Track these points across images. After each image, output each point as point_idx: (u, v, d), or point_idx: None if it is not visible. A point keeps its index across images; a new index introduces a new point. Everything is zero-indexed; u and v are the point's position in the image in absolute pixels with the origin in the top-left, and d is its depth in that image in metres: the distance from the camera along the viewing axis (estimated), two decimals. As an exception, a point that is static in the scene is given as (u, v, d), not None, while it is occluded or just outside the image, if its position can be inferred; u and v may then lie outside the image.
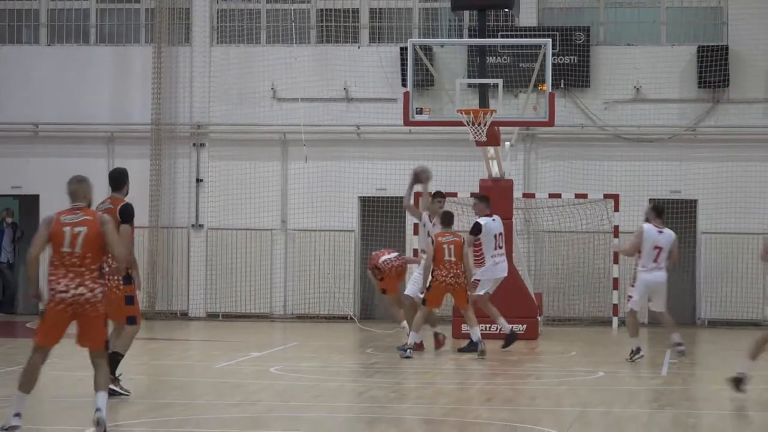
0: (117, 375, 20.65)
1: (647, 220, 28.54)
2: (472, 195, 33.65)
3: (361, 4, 41.70)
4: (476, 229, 30.93)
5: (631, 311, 28.80)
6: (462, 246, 29.84)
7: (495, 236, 31.19)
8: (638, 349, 28.00)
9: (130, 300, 20.70)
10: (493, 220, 31.36)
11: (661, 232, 28.31)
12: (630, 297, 29.25)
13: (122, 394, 20.51)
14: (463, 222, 37.70)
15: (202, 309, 41.14)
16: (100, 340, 16.81)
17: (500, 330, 32.12)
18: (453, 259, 29.47)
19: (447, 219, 30.38)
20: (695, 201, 39.27)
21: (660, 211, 28.99)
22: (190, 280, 41.31)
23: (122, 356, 20.94)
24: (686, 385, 25.74)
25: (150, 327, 36.53)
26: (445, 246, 29.64)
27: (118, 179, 21.89)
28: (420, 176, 31.47)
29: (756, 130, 39.54)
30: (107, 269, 17.57)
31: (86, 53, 42.40)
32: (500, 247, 31.73)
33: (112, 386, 18.26)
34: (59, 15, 42.82)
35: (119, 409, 19.71)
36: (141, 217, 36.17)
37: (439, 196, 31.39)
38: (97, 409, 15.86)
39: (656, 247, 28.28)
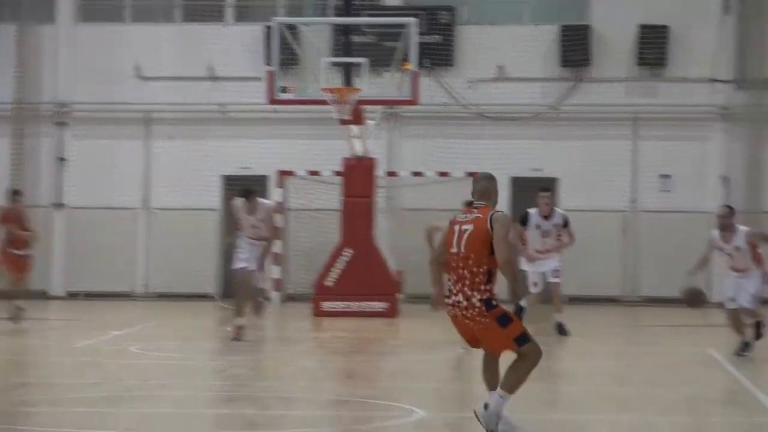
0: None
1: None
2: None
3: (225, -16, 41.83)
4: None
5: None
6: None
7: None
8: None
9: None
10: None
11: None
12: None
13: None
14: (324, 200, 38.07)
15: (62, 288, 41.06)
16: None
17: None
18: None
19: None
20: (556, 179, 39.58)
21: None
22: (51, 259, 41.03)
23: None
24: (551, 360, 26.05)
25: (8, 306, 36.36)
26: None
27: None
28: None
29: (617, 109, 40.06)
30: None
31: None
32: None
33: None
34: None
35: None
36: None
37: None
38: None
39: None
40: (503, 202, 29.51)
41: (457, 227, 13.87)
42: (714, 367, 25.50)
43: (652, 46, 40.14)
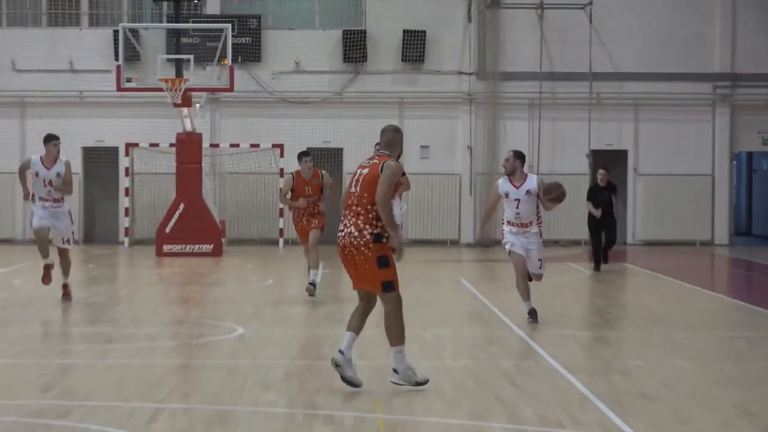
0: None
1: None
2: None
3: (82, -6, 41.55)
4: None
5: None
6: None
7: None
8: None
9: None
10: None
11: None
12: None
13: None
14: (162, 167, 38.05)
15: None
16: None
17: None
18: None
19: None
20: (342, 149, 39.83)
21: None
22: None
23: None
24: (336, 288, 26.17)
25: None
26: None
27: None
28: None
29: (387, 95, 40.29)
30: None
31: None
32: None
33: None
34: None
35: None
36: None
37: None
38: None
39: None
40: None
41: (358, 170, 13.26)
42: (464, 292, 25.98)
43: (413, 47, 40.42)
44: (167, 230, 35.74)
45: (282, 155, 38.41)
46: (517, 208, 19.11)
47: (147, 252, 36.47)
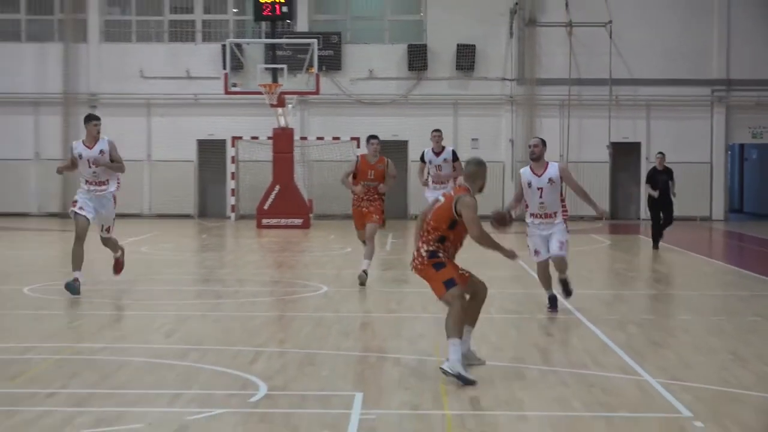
0: None
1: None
2: None
3: (195, 16, 41.58)
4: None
5: None
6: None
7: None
8: None
9: None
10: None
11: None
12: None
13: None
14: (262, 156, 38.01)
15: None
16: None
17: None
18: None
19: None
20: (407, 141, 39.67)
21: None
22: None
23: None
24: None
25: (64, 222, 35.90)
26: None
27: None
28: None
29: (444, 97, 40.16)
30: None
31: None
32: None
33: None
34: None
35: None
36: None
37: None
38: None
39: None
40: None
41: (440, 197, 11.41)
42: (506, 260, 25.98)
43: (465, 58, 40.30)
44: (265, 207, 35.86)
45: (358, 146, 38.29)
46: (541, 197, 15.86)
47: (249, 225, 36.59)
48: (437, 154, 22.21)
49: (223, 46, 38.15)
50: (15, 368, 11.62)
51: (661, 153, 28.26)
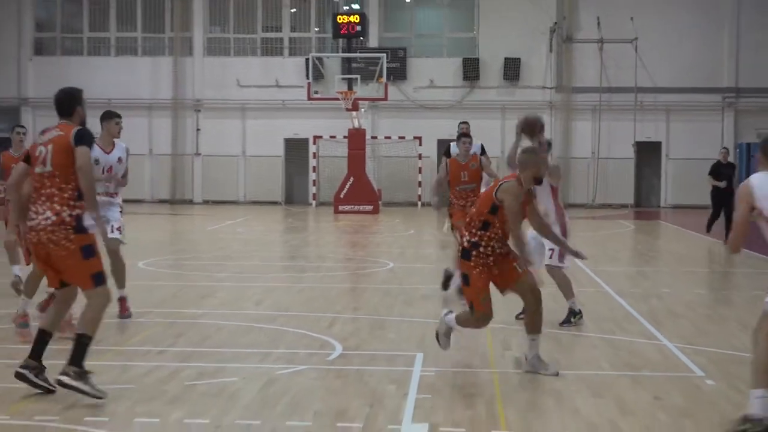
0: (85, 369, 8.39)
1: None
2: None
3: (283, 33, 41.69)
4: None
5: None
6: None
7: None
8: None
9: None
10: None
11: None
12: None
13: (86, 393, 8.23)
14: (339, 152, 37.97)
15: (200, 195, 41.31)
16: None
17: None
18: None
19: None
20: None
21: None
22: (193, 182, 41.39)
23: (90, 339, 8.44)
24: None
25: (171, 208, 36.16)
26: None
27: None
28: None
29: (493, 103, 39.94)
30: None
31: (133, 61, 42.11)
32: None
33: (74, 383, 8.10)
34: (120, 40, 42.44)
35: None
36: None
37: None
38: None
39: None
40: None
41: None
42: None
43: (511, 69, 40.18)
44: (341, 195, 35.96)
45: (420, 144, 38.43)
46: None
47: (327, 211, 36.63)
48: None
49: (307, 59, 38.39)
50: (132, 330, 11.74)
51: (725, 148, 27.54)
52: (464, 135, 14.61)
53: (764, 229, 7.00)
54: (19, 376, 8.30)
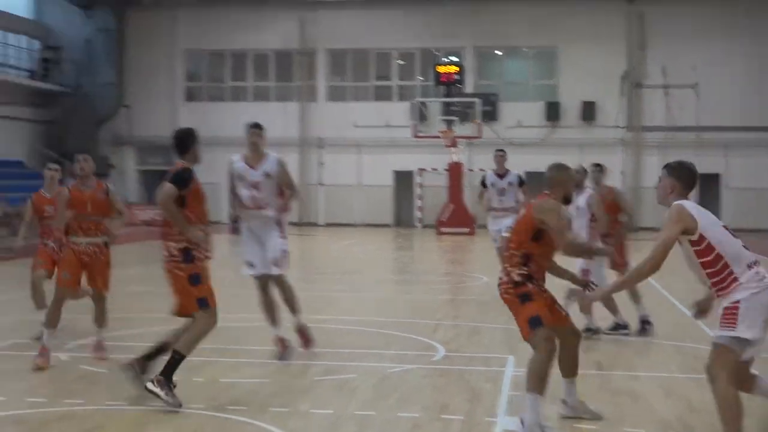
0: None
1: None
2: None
3: (393, 81, 41.88)
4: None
5: None
6: None
7: None
8: None
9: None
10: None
11: None
12: None
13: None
14: (440, 182, 37.85)
15: (323, 219, 41.64)
16: None
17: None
18: None
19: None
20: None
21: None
22: (317, 207, 41.79)
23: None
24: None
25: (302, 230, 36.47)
26: None
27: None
28: None
29: (573, 140, 39.32)
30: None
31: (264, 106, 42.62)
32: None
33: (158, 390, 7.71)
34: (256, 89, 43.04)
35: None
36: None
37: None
38: None
39: None
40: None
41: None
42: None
43: (588, 111, 39.57)
44: (442, 219, 35.89)
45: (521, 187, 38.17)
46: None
47: (430, 232, 36.46)
48: (500, 176, 15.28)
49: (413, 103, 38.42)
50: (267, 334, 11.81)
51: None
52: (597, 166, 12.87)
53: (692, 254, 6.29)
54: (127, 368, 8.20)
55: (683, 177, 6.61)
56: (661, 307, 14.61)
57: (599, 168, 12.71)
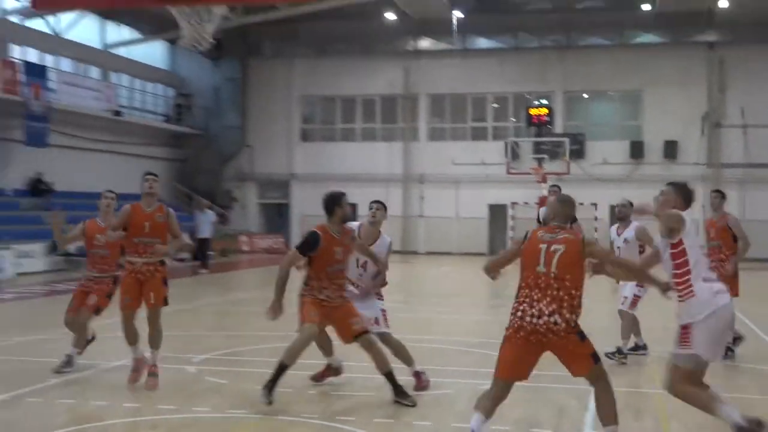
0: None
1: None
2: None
3: (488, 123, 41.78)
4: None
5: None
6: None
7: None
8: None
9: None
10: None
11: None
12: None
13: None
14: (530, 214, 37.66)
15: (423, 247, 41.69)
16: None
17: None
18: None
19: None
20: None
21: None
22: (417, 237, 41.79)
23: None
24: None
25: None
26: None
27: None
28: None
29: (655, 176, 38.42)
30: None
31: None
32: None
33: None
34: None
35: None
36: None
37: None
38: None
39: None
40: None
41: (543, 245, 6.46)
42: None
43: (670, 149, 38.87)
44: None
45: (596, 209, 37.44)
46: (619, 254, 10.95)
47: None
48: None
49: (506, 142, 38.08)
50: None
51: None
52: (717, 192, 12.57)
53: (669, 255, 6.72)
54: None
55: (685, 195, 7.05)
56: (747, 334, 14.21)
57: (720, 194, 12.44)
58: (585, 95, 41.54)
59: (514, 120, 41.67)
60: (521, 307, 6.80)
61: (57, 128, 31.97)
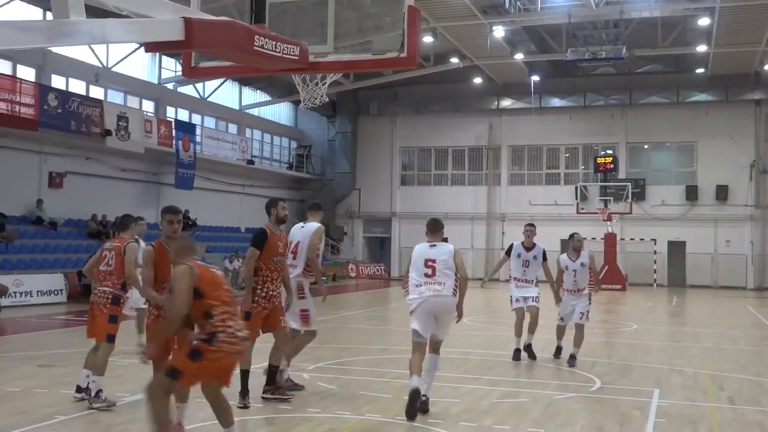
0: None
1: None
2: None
3: (560, 170, 41.07)
4: None
5: None
6: None
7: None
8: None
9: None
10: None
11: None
12: None
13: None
14: (597, 248, 36.79)
15: (504, 276, 40.79)
16: None
17: None
18: None
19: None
20: (685, 242, 37.46)
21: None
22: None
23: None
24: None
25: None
26: None
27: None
28: None
29: (710, 215, 37.44)
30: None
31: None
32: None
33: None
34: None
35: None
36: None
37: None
38: None
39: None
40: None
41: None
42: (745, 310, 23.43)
43: (721, 192, 37.44)
44: (600, 278, 34.46)
45: (655, 244, 36.41)
46: (574, 277, 12.09)
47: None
48: (527, 249, 12.59)
49: (576, 186, 37.54)
50: (458, 362, 11.70)
51: None
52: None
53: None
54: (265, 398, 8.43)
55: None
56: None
57: None
58: (646, 146, 40.50)
59: (583, 167, 40.87)
60: None
61: (201, 174, 32.94)
